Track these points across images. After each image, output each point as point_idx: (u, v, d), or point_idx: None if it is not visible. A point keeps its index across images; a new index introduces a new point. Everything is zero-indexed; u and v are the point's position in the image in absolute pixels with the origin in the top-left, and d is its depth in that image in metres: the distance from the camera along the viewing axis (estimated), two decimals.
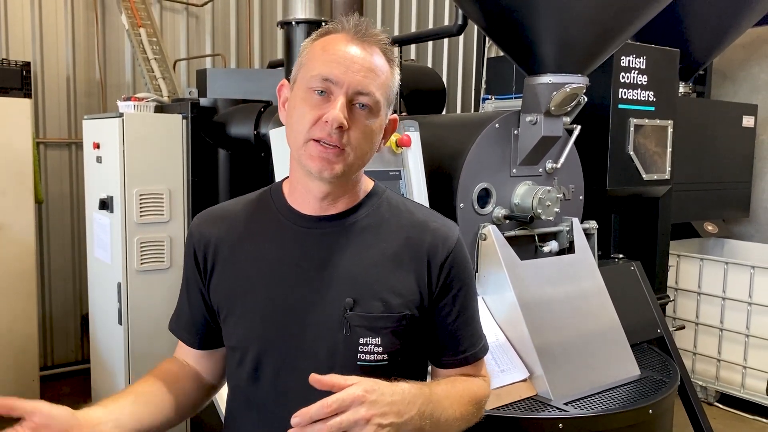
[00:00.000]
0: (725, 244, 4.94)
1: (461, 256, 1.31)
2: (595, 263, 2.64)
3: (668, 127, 3.19)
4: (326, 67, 1.18)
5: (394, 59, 1.26)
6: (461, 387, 1.29)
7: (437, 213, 1.39)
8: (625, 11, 2.36)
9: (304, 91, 1.20)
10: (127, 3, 4.32)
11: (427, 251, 1.27)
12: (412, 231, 1.29)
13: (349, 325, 1.21)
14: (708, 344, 4.35)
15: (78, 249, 4.60)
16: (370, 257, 1.25)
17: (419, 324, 1.27)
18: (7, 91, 3.84)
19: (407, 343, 1.26)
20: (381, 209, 1.31)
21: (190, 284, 1.37)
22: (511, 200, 2.60)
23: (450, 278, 1.28)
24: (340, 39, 1.21)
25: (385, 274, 1.25)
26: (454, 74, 6.16)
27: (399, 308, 1.23)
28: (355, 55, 1.19)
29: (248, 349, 1.27)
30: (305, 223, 1.27)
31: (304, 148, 1.19)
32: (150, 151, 3.20)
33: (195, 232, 1.35)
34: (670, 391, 2.35)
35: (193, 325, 1.39)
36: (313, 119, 1.17)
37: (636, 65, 3.03)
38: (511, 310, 2.33)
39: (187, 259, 1.37)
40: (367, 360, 1.22)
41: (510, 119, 2.57)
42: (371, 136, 1.22)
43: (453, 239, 1.30)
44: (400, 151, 2.38)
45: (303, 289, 1.24)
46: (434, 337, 1.31)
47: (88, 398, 3.80)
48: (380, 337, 1.22)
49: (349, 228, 1.27)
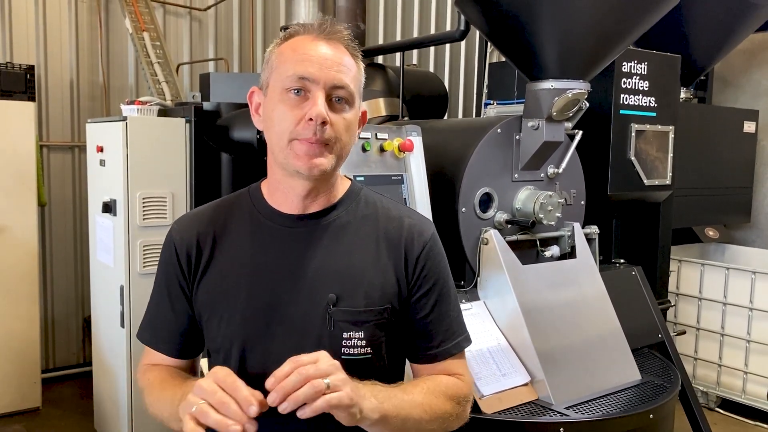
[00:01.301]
0: (726, 249, 4.94)
1: (436, 251, 1.34)
2: (596, 268, 2.65)
3: (669, 133, 3.20)
4: (300, 66, 1.20)
5: (358, 54, 1.29)
6: (432, 383, 1.29)
7: (413, 210, 1.44)
8: (627, 18, 2.37)
9: (280, 93, 1.22)
10: (130, 7, 4.33)
11: (404, 245, 1.31)
12: (389, 226, 1.32)
13: (333, 321, 1.24)
14: (709, 349, 4.35)
15: (80, 252, 4.61)
16: (350, 253, 1.28)
17: (399, 317, 1.30)
18: (11, 94, 3.86)
19: (389, 335, 1.29)
20: (359, 207, 1.34)
21: (172, 291, 1.35)
22: (513, 205, 2.61)
23: (425, 272, 1.31)
24: (308, 39, 1.24)
25: (366, 268, 1.28)
26: (455, 79, 6.17)
27: (380, 301, 1.27)
28: (327, 52, 1.22)
29: (231, 349, 1.27)
30: (285, 222, 1.30)
31: (289, 147, 1.21)
32: (153, 154, 3.22)
33: (176, 237, 1.35)
34: (671, 396, 2.35)
35: (174, 334, 1.37)
36: (295, 119, 1.19)
37: (637, 71, 3.05)
38: (512, 314, 2.34)
39: (168, 267, 1.35)
40: (352, 354, 1.24)
41: (512, 124, 2.58)
42: (351, 127, 1.25)
43: (428, 234, 1.34)
44: (402, 156, 2.39)
45: (284, 287, 1.26)
46: (409, 330, 1.33)
47: (90, 401, 3.80)
48: (363, 330, 1.25)
49: (329, 225, 1.30)
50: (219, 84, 3.62)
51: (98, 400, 3.67)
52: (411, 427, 1.22)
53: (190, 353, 1.40)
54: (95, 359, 3.65)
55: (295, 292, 1.26)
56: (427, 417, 1.23)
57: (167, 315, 1.37)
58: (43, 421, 3.89)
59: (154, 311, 1.40)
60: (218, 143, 3.38)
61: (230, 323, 1.28)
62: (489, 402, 2.13)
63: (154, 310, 1.40)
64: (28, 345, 3.91)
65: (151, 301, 1.41)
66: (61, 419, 3.93)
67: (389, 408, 1.16)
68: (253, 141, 3.17)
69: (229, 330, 1.28)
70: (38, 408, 4.00)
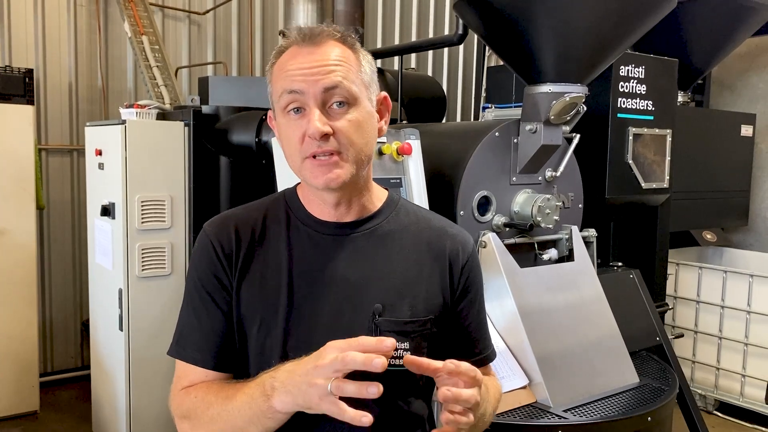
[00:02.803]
0: (724, 252, 4.95)
1: (477, 261, 1.37)
2: (594, 271, 2.66)
3: (667, 136, 3.21)
4: (287, 82, 1.18)
5: (353, 42, 1.23)
6: (490, 384, 1.32)
7: (450, 221, 1.41)
8: (624, 22, 2.38)
9: (282, 116, 1.20)
10: (129, 11, 4.34)
11: (449, 256, 1.31)
12: (432, 237, 1.32)
13: (379, 331, 1.21)
14: (707, 353, 4.35)
15: (79, 255, 4.61)
16: (394, 262, 1.26)
17: (441, 327, 1.30)
18: (9, 97, 3.86)
19: (432, 346, 1.28)
20: (399, 216, 1.32)
21: (213, 296, 1.25)
22: (511, 208, 2.61)
23: (469, 282, 1.33)
24: (291, 52, 1.21)
25: (410, 278, 1.26)
26: (454, 83, 6.19)
27: (425, 312, 1.26)
28: (310, 60, 1.17)
29: (271, 359, 1.20)
30: (326, 229, 1.26)
31: (302, 167, 1.19)
32: (152, 158, 3.22)
33: (213, 239, 1.26)
34: (669, 398, 2.36)
35: (213, 343, 1.25)
36: (299, 139, 1.17)
37: (635, 74, 3.06)
38: (510, 317, 2.34)
39: (207, 271, 1.25)
40: (397, 365, 1.19)
41: (510, 128, 2.59)
42: (362, 127, 1.20)
43: (471, 245, 1.36)
44: (401, 159, 2.40)
45: (328, 297, 1.22)
46: (453, 339, 1.34)
47: (88, 405, 3.80)
48: (409, 341, 1.20)
49: (371, 234, 1.28)
50: (218, 87, 3.63)
51: (96, 404, 3.66)
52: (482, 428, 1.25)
53: (228, 365, 1.26)
54: (93, 363, 3.65)
55: (338, 302, 1.22)
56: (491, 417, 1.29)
57: (204, 323, 1.25)
58: (41, 425, 3.88)
59: (188, 323, 1.28)
60: (217, 147, 3.38)
61: (271, 330, 1.22)
62: None
63: (188, 322, 1.28)
64: (27, 348, 3.91)
65: (182, 315, 1.29)
66: (59, 423, 3.93)
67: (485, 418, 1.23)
68: (252, 144, 3.17)
69: (270, 339, 1.22)
70: (36, 412, 3.99)
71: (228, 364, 1.26)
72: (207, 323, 1.25)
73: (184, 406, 1.23)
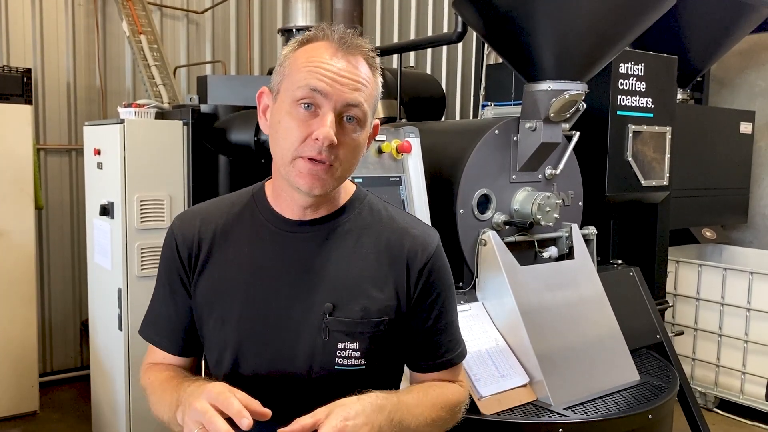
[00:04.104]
0: (723, 250, 4.95)
1: (440, 263, 1.32)
2: (594, 269, 2.65)
3: (667, 134, 3.21)
4: (313, 79, 1.14)
5: (377, 67, 1.24)
6: (434, 393, 1.29)
7: (419, 219, 1.40)
8: (624, 19, 2.38)
9: (290, 105, 1.16)
10: (128, 10, 4.33)
11: (407, 257, 1.27)
12: (393, 236, 1.29)
13: (328, 330, 1.21)
14: (707, 350, 4.35)
15: (78, 255, 4.61)
16: (350, 262, 1.26)
17: (396, 328, 1.27)
18: (7, 97, 3.86)
19: (385, 347, 1.27)
20: (363, 214, 1.31)
21: (174, 287, 1.33)
22: (511, 206, 2.61)
23: (428, 284, 1.29)
24: (324, 48, 1.17)
25: (364, 279, 1.25)
26: (453, 81, 6.18)
27: (377, 313, 1.24)
28: (342, 67, 1.15)
29: (225, 351, 1.26)
30: (287, 226, 1.27)
31: (292, 165, 1.17)
32: (151, 157, 3.21)
33: (177, 233, 1.32)
34: (669, 396, 2.35)
35: (176, 331, 1.35)
36: (301, 137, 1.15)
37: (634, 72, 3.05)
38: (510, 315, 2.34)
39: (169, 262, 1.33)
40: (345, 365, 1.22)
41: (509, 126, 2.58)
42: (358, 149, 1.21)
43: (432, 246, 1.31)
44: (400, 157, 2.40)
45: (282, 293, 1.24)
46: (412, 342, 1.32)
47: (88, 405, 3.79)
48: (358, 342, 1.22)
49: (331, 233, 1.27)
50: (216, 87, 3.62)
51: (96, 404, 3.66)
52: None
53: (193, 351, 1.37)
54: (93, 363, 3.65)
55: (290, 299, 1.24)
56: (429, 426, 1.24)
57: (169, 311, 1.34)
58: (40, 425, 3.88)
59: (156, 308, 1.38)
60: (216, 146, 3.38)
61: (225, 325, 1.26)
62: (488, 403, 2.13)
63: (156, 306, 1.38)
64: (26, 349, 3.90)
65: (153, 297, 1.39)
66: (58, 423, 3.92)
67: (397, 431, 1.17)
68: (251, 143, 3.17)
69: (224, 332, 1.26)
70: (36, 412, 3.98)
71: (190, 350, 1.37)
72: (173, 313, 1.34)
73: (142, 382, 1.38)
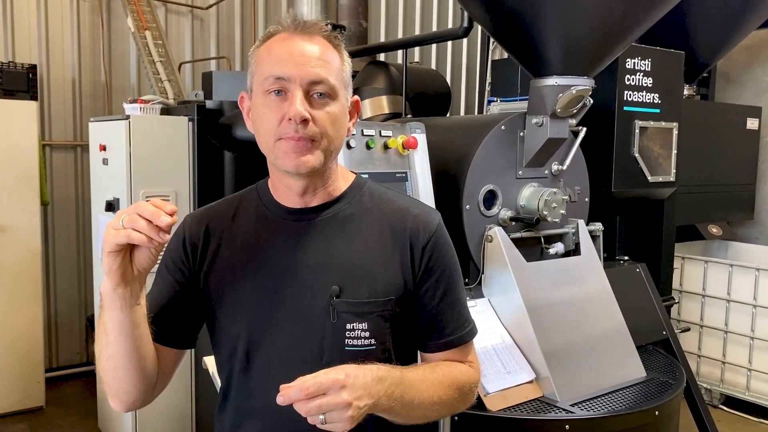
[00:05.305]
0: (729, 246, 4.94)
1: (442, 240, 1.34)
2: (600, 265, 2.65)
3: (673, 129, 3.20)
4: (276, 67, 1.21)
5: (339, 44, 1.28)
6: (441, 371, 1.29)
7: (419, 201, 1.43)
8: (631, 14, 2.36)
9: (262, 96, 1.23)
10: (132, 6, 4.33)
11: (409, 236, 1.30)
12: (394, 218, 1.32)
13: (336, 312, 1.24)
14: (713, 346, 4.34)
15: (83, 251, 4.62)
16: (354, 245, 1.29)
17: (405, 308, 1.30)
18: (13, 93, 3.87)
19: (394, 327, 1.29)
20: (363, 199, 1.34)
21: (165, 277, 1.34)
22: (517, 202, 2.60)
23: (432, 262, 1.31)
24: (282, 37, 1.24)
25: (370, 260, 1.28)
26: (457, 76, 6.16)
27: (384, 293, 1.26)
28: (302, 49, 1.22)
29: (238, 340, 1.29)
30: (290, 215, 1.31)
31: (276, 147, 1.22)
32: (156, 153, 3.22)
33: (186, 228, 1.36)
34: (676, 392, 2.35)
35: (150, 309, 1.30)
36: (277, 120, 1.20)
37: (641, 67, 3.04)
38: (517, 311, 2.34)
39: (172, 253, 1.35)
40: (355, 345, 1.25)
41: (516, 121, 2.58)
42: (337, 121, 1.24)
43: (434, 224, 1.33)
44: (406, 153, 2.39)
45: (288, 280, 1.27)
46: (418, 321, 1.33)
47: (94, 400, 3.81)
48: (367, 322, 1.25)
49: (333, 218, 1.30)
50: (221, 82, 3.62)
51: (102, 399, 3.67)
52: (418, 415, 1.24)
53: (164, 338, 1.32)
54: None
55: (298, 285, 1.27)
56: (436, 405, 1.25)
57: (152, 292, 1.35)
58: (46, 421, 3.90)
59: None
60: (221, 141, 3.37)
61: (236, 316, 1.29)
62: (494, 399, 2.12)
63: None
64: (32, 344, 3.91)
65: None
66: (64, 418, 3.94)
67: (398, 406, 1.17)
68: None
69: (236, 323, 1.29)
70: (42, 407, 4.00)
71: (162, 336, 1.31)
72: (154, 291, 1.34)
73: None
